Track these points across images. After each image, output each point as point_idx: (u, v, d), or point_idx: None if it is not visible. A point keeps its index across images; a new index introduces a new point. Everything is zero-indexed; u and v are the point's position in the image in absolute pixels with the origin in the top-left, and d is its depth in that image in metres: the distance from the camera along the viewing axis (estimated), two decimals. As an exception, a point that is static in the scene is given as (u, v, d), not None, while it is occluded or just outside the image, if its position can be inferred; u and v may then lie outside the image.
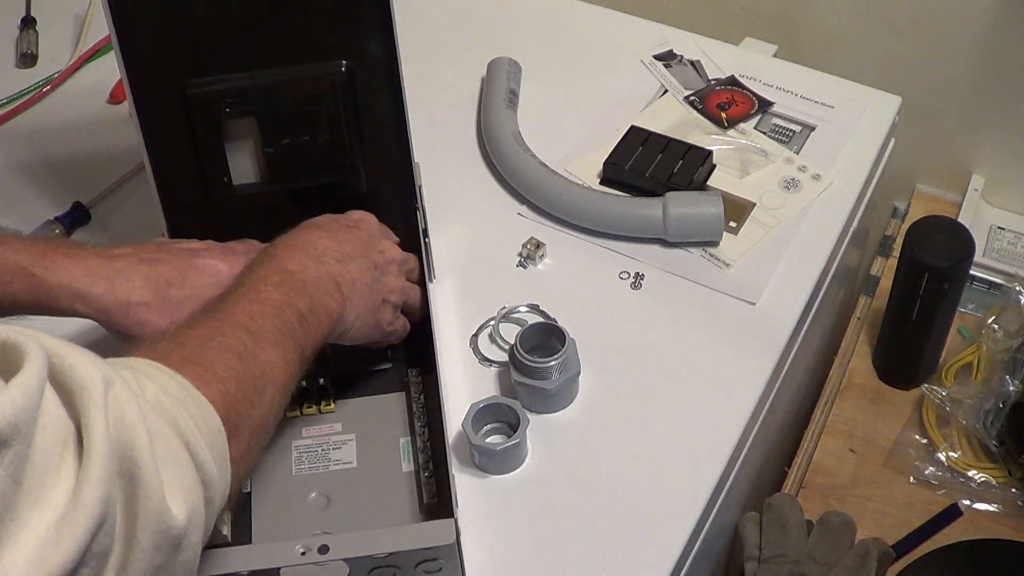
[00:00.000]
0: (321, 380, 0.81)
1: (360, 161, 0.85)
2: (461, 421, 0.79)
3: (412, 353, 0.85)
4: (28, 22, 1.17)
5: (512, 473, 0.80)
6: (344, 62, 0.82)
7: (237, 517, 0.77)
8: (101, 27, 1.15)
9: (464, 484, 0.79)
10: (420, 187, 0.88)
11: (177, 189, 0.84)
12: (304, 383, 0.81)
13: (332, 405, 0.83)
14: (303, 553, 0.67)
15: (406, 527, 0.73)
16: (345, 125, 0.83)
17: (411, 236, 0.87)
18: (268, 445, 0.80)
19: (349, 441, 0.81)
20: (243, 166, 0.84)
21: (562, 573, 0.75)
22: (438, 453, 0.77)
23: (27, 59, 1.14)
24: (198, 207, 0.85)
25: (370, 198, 0.86)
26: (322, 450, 0.80)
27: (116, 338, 0.75)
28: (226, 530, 0.75)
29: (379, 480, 0.78)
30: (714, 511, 0.82)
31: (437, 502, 0.76)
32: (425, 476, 0.77)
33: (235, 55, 0.81)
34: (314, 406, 0.82)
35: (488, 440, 0.80)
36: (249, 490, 0.78)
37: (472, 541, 0.75)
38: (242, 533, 0.76)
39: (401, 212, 0.88)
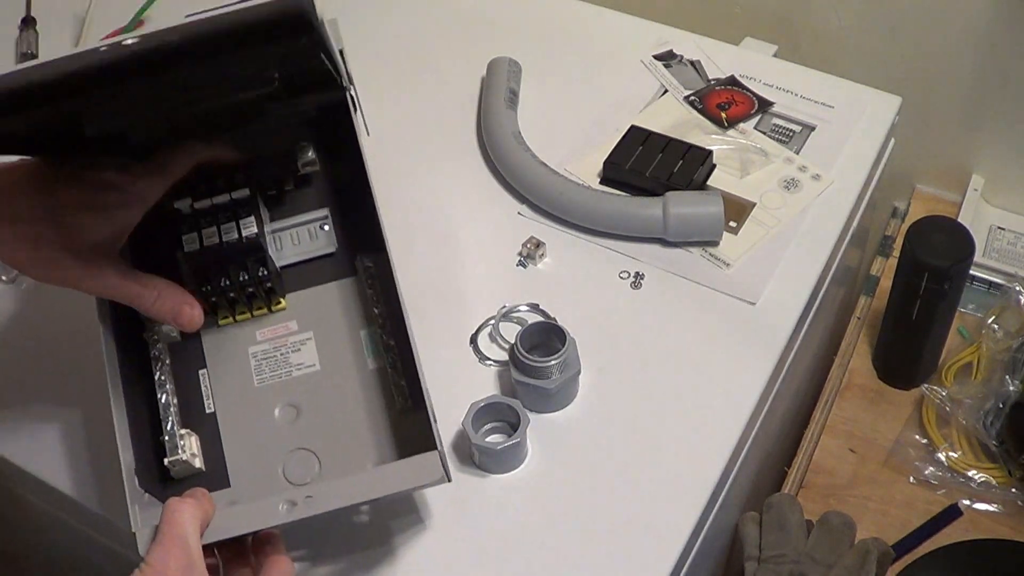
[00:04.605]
0: (265, 273, 0.77)
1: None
2: (461, 420, 0.79)
3: (356, 237, 0.81)
4: (28, 22, 1.17)
5: (512, 473, 0.80)
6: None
7: (207, 446, 0.74)
8: (101, 27, 1.15)
9: (464, 483, 0.79)
10: (342, 50, 0.83)
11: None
12: (251, 289, 0.77)
13: (283, 302, 0.79)
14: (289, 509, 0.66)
15: (387, 467, 0.70)
16: None
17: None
18: (225, 357, 0.76)
19: (308, 340, 0.77)
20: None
21: (562, 573, 0.75)
22: (403, 348, 0.74)
23: (27, 59, 1.14)
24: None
25: None
26: (281, 355, 0.77)
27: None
28: (198, 462, 0.73)
29: (346, 382, 0.75)
30: (714, 511, 0.81)
31: (411, 405, 0.74)
32: (392, 373, 0.74)
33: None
34: (263, 306, 0.79)
35: (488, 439, 0.80)
36: (213, 410, 0.75)
37: (472, 540, 0.76)
38: (215, 461, 0.74)
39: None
